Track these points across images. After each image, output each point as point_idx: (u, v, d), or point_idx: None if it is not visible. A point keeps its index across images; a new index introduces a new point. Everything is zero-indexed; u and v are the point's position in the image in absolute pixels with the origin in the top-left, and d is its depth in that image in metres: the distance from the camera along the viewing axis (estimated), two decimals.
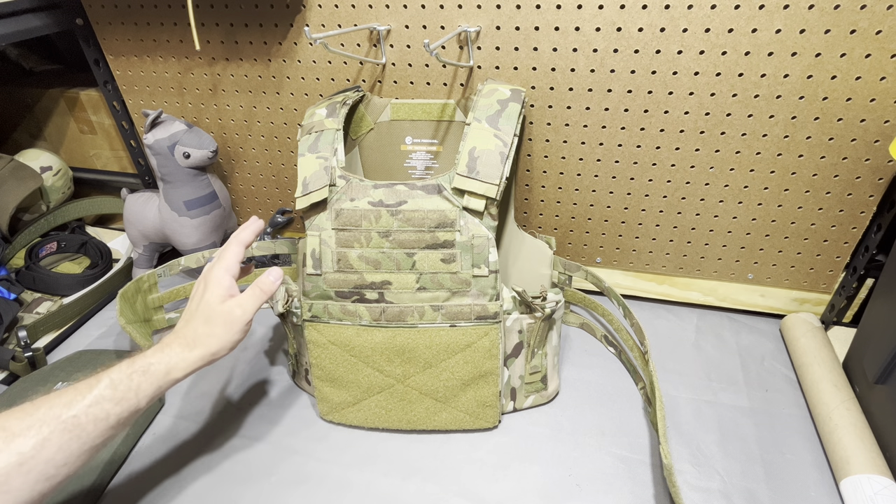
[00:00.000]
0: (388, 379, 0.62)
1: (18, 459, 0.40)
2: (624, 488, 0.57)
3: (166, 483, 0.59)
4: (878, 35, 0.56)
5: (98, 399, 0.44)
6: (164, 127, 0.80)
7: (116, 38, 0.83)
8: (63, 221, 1.02)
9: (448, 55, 0.70)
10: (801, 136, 0.64)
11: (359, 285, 0.59)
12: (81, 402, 0.44)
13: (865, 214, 0.68)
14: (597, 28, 0.63)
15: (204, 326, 0.50)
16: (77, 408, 0.43)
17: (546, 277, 0.75)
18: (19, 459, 0.40)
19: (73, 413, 0.43)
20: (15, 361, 0.72)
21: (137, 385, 0.46)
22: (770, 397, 0.67)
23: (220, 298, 0.51)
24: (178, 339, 0.50)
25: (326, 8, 0.71)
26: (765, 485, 0.57)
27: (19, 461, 0.40)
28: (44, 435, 0.41)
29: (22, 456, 0.40)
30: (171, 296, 0.80)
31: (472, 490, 0.58)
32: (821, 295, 0.77)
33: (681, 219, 0.75)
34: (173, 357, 0.49)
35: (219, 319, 0.50)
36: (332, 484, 0.59)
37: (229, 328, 0.50)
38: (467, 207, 0.57)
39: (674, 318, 0.81)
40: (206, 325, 0.50)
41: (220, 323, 0.50)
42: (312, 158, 0.61)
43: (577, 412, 0.66)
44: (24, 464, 0.40)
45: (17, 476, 0.40)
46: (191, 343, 0.50)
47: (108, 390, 0.45)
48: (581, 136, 0.71)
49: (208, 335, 0.50)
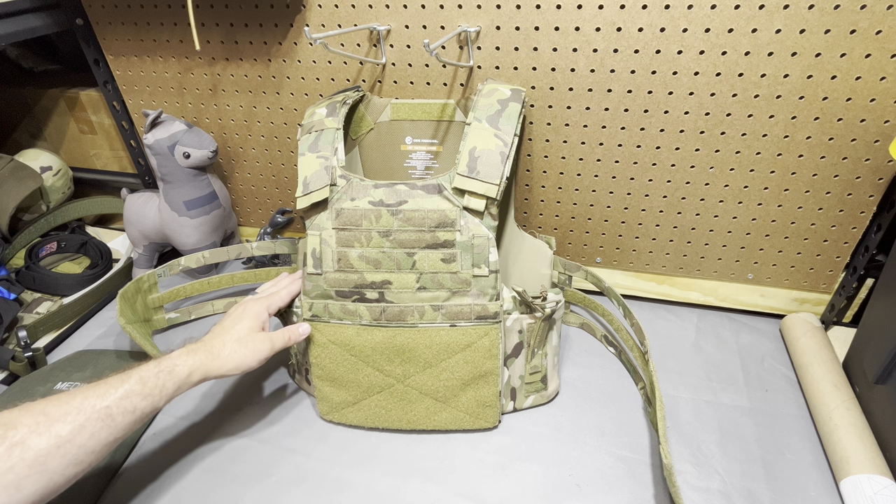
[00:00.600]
0: (388, 379, 0.62)
1: (57, 442, 0.43)
2: (624, 488, 0.57)
3: (166, 483, 0.59)
4: (878, 35, 0.56)
5: (128, 393, 0.48)
6: (164, 127, 0.80)
7: (116, 38, 0.83)
8: (63, 221, 1.02)
9: (448, 55, 0.70)
10: (801, 136, 0.64)
11: (359, 285, 0.59)
12: (114, 395, 0.47)
13: (865, 214, 0.68)
14: (597, 28, 0.63)
15: (233, 344, 0.56)
16: (110, 399, 0.47)
17: (546, 277, 0.75)
18: (58, 442, 0.43)
19: (106, 404, 0.47)
20: (15, 361, 0.72)
21: (163, 383, 0.50)
22: (770, 397, 0.67)
23: (254, 329, 0.58)
24: (205, 348, 0.55)
25: (326, 8, 0.71)
26: (765, 485, 0.57)
27: (58, 444, 0.43)
28: (80, 422, 0.45)
29: (60, 439, 0.43)
30: (171, 296, 0.80)
31: (472, 490, 0.58)
32: (821, 295, 0.77)
33: (681, 219, 0.75)
34: (197, 362, 0.53)
35: (249, 344, 0.56)
36: (332, 484, 0.59)
37: (253, 354, 0.56)
38: (467, 207, 0.57)
39: (674, 318, 0.81)
40: (236, 343, 0.56)
41: (250, 347, 0.56)
42: (313, 158, 0.61)
43: (577, 412, 0.66)
44: (61, 447, 0.43)
45: (55, 458, 0.43)
46: (216, 355, 0.54)
47: (137, 385, 0.49)
48: (581, 136, 0.71)
49: (234, 352, 0.55)
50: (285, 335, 0.59)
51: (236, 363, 0.55)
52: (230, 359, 0.55)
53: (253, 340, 0.57)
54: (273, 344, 0.58)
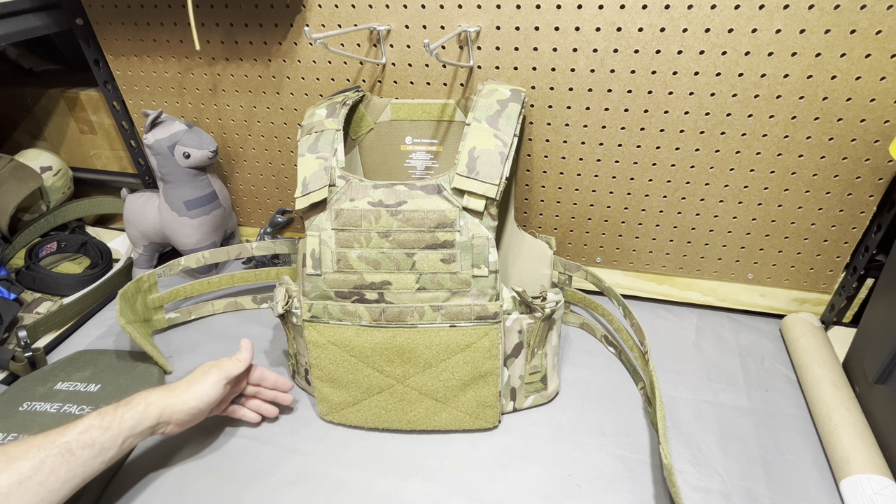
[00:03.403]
0: (388, 379, 0.62)
1: (18, 479, 0.44)
2: (624, 488, 0.57)
3: (167, 483, 0.59)
4: (878, 35, 0.56)
5: (87, 427, 0.49)
6: (164, 127, 0.80)
7: (116, 38, 0.83)
8: (63, 221, 1.02)
9: (448, 55, 0.70)
10: (801, 136, 0.64)
11: (358, 285, 0.59)
12: (73, 430, 0.49)
13: (865, 214, 0.68)
14: (597, 28, 0.63)
15: (188, 381, 0.58)
16: (69, 434, 0.48)
17: (546, 277, 0.75)
18: (19, 479, 0.44)
19: (66, 439, 0.48)
20: (15, 361, 0.72)
21: (121, 415, 0.52)
22: (770, 397, 0.67)
23: (209, 372, 0.59)
24: (164, 386, 0.57)
25: (326, 8, 0.71)
26: (765, 485, 0.57)
27: (18, 480, 0.44)
28: (40, 458, 0.46)
29: (21, 475, 0.44)
30: (171, 296, 0.80)
31: (472, 490, 0.58)
32: (821, 295, 0.77)
33: (681, 219, 0.75)
34: (154, 395, 0.55)
35: (204, 377, 0.58)
36: (332, 484, 0.59)
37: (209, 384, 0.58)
38: (467, 207, 0.57)
39: (674, 318, 0.81)
40: (190, 381, 0.58)
41: (204, 379, 0.58)
42: (312, 158, 0.61)
43: (577, 412, 0.66)
44: (22, 483, 0.44)
45: (16, 495, 0.44)
46: (173, 388, 0.57)
47: (96, 419, 0.50)
48: (581, 136, 0.71)
49: (190, 386, 0.57)
50: (234, 360, 0.61)
51: (191, 392, 0.56)
52: (186, 390, 0.56)
53: (205, 373, 0.58)
54: (224, 369, 0.59)
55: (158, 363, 0.72)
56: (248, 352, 0.62)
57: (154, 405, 0.54)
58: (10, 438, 0.61)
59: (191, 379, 0.58)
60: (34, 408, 0.65)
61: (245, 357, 0.62)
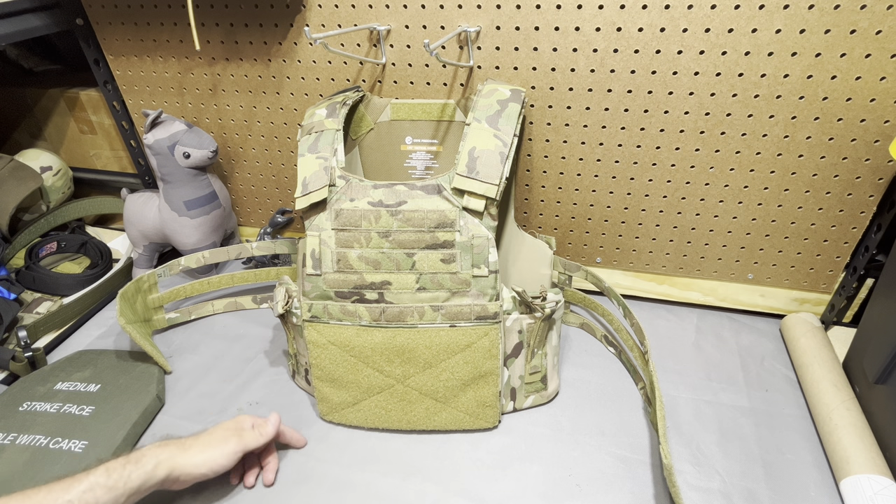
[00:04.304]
0: (388, 379, 0.62)
1: None
2: (624, 488, 0.57)
3: None
4: (878, 35, 0.56)
5: (92, 485, 0.47)
6: (164, 127, 0.80)
7: (116, 38, 0.83)
8: (63, 221, 1.02)
9: (448, 55, 0.70)
10: (801, 136, 0.64)
11: (358, 285, 0.59)
12: (77, 488, 0.46)
13: (865, 214, 0.68)
14: (597, 28, 0.63)
15: (204, 443, 0.55)
16: (73, 492, 0.46)
17: (546, 277, 0.75)
18: None
19: (69, 498, 0.46)
20: (15, 361, 0.72)
21: (128, 474, 0.49)
22: (770, 397, 0.67)
23: (227, 438, 0.56)
24: (177, 443, 0.54)
25: (326, 8, 0.71)
26: (765, 485, 0.57)
27: None
28: None
29: None
30: (171, 296, 0.80)
31: (472, 490, 0.58)
32: (821, 295, 0.77)
33: (681, 219, 0.75)
34: (165, 454, 0.52)
35: (220, 444, 0.55)
36: (332, 484, 0.59)
37: (222, 454, 0.54)
38: (467, 207, 0.57)
39: (674, 318, 0.81)
40: (206, 444, 0.55)
41: (220, 447, 0.55)
42: (312, 158, 0.61)
43: (577, 412, 0.66)
44: None
45: None
46: (186, 447, 0.54)
47: (102, 477, 0.48)
48: (581, 136, 0.71)
49: (203, 450, 0.54)
50: (257, 433, 0.58)
51: (204, 458, 0.54)
52: (199, 453, 0.54)
53: (224, 441, 0.56)
54: (244, 441, 0.56)
55: (158, 363, 0.72)
56: (273, 427, 0.59)
57: (164, 465, 0.51)
58: (9, 438, 0.61)
59: (208, 441, 0.55)
60: (34, 408, 0.65)
61: (269, 433, 0.59)
